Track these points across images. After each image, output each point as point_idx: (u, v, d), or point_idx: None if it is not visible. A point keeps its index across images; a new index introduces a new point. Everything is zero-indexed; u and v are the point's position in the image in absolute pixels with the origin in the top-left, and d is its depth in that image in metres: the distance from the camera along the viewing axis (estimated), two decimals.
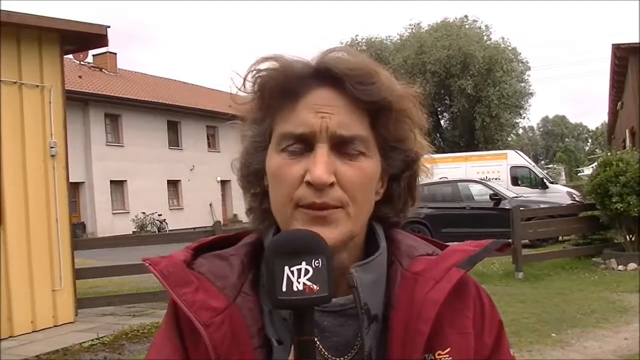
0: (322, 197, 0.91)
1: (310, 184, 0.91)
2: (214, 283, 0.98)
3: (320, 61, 0.95)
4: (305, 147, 0.94)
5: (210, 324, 0.93)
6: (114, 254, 15.23)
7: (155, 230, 32.08)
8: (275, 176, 0.96)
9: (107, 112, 32.89)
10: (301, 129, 0.93)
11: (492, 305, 1.07)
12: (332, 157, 0.93)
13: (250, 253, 1.03)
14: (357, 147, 0.94)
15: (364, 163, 0.95)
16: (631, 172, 11.60)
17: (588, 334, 7.35)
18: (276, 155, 0.96)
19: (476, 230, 16.46)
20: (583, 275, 11.51)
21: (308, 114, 0.93)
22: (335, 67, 0.93)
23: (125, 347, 7.84)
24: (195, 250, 1.05)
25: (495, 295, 9.77)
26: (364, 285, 0.96)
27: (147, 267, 1.01)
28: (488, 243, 1.04)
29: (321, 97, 0.94)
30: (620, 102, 26.26)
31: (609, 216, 12.00)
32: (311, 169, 0.91)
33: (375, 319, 0.98)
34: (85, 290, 11.04)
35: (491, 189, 17.97)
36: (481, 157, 26.78)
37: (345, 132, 0.93)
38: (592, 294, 9.70)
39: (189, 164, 37.22)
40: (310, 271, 0.81)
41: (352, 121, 0.94)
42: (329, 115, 0.93)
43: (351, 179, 0.93)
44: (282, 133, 0.95)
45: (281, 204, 0.95)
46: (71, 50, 11.01)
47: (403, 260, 1.02)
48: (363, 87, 0.93)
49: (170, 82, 42.67)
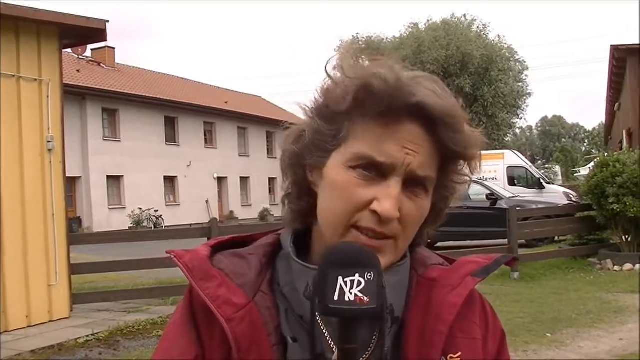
0: (382, 227, 0.93)
1: (375, 213, 0.92)
2: (233, 280, 0.99)
3: (421, 95, 0.92)
4: (378, 174, 0.94)
5: (233, 319, 0.94)
6: (109, 249, 15.25)
7: (151, 226, 32.04)
8: (339, 192, 0.95)
9: (105, 107, 32.83)
10: (383, 159, 0.93)
11: (494, 316, 1.10)
12: (401, 192, 0.93)
13: (268, 253, 1.05)
14: (424, 186, 0.96)
15: (424, 201, 0.97)
16: (628, 173, 11.63)
17: (583, 334, 7.37)
18: (345, 171, 0.95)
19: (473, 230, 16.49)
20: (579, 275, 11.54)
21: (394, 146, 0.93)
22: (434, 110, 0.92)
23: (121, 343, 7.83)
24: (213, 248, 1.06)
25: (491, 295, 9.84)
26: (390, 287, 0.96)
27: (172, 260, 1.02)
28: (498, 257, 1.07)
29: (411, 133, 0.93)
30: (618, 103, 26.33)
31: (605, 217, 12.03)
32: (382, 201, 0.91)
33: (396, 320, 1.00)
34: (81, 286, 11.03)
35: (488, 189, 17.97)
36: None
37: (421, 173, 0.94)
38: (587, 294, 9.72)
39: (186, 160, 37.20)
40: (363, 283, 0.84)
41: (430, 162, 0.95)
42: (414, 153, 0.93)
43: (411, 216, 0.95)
44: (361, 153, 0.94)
45: (336, 219, 0.95)
46: (70, 45, 10.97)
47: (418, 268, 1.05)
48: (453, 135, 0.94)
49: (168, 78, 42.60)
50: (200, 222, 28.47)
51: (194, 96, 39.23)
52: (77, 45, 13.03)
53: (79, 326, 8.66)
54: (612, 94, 27.15)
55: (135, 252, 12.31)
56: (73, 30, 9.70)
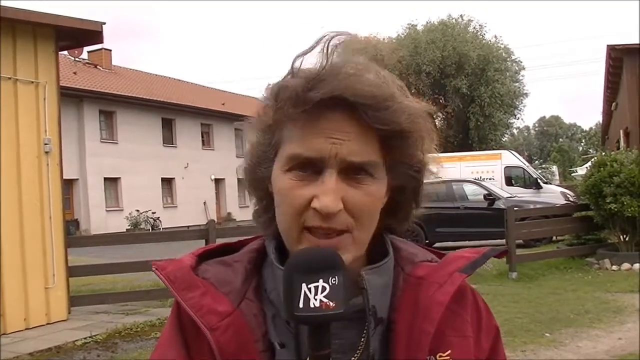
0: (329, 223, 0.91)
1: (317, 210, 0.91)
2: (218, 288, 0.99)
3: (335, 86, 0.92)
4: (313, 171, 0.93)
5: (217, 328, 0.94)
6: (107, 251, 15.23)
7: (149, 228, 32.04)
8: (282, 197, 0.95)
9: (102, 109, 32.82)
10: (311, 154, 0.92)
11: (488, 311, 1.09)
12: (340, 183, 0.92)
13: (254, 260, 1.04)
14: (366, 172, 0.94)
15: (371, 187, 0.94)
16: (625, 173, 11.64)
17: (582, 334, 7.37)
18: (283, 175, 0.95)
19: (470, 230, 16.53)
20: (577, 275, 11.55)
21: (319, 138, 0.92)
22: (349, 95, 0.91)
23: (119, 345, 7.83)
24: (199, 257, 1.06)
25: (489, 295, 9.82)
26: (373, 288, 0.97)
27: (155, 272, 1.03)
28: (487, 250, 1.06)
29: (334, 123, 0.92)
30: (615, 102, 26.36)
31: (602, 216, 12.02)
32: (320, 197, 0.90)
33: (380, 321, 0.99)
34: (79, 288, 11.02)
35: (485, 189, 17.99)
36: (475, 157, 26.84)
37: (355, 159, 0.92)
38: (585, 294, 9.72)
39: (183, 161, 37.19)
40: (327, 288, 0.84)
41: (363, 147, 0.93)
42: (340, 141, 0.92)
43: (359, 204, 0.93)
44: (291, 154, 0.94)
45: (288, 225, 0.95)
46: (66, 47, 10.97)
47: (405, 266, 1.04)
48: (377, 114, 0.92)
49: (165, 80, 42.59)
50: (198, 224, 28.41)
51: (191, 98, 39.24)
52: (73, 47, 13.04)
53: (76, 328, 8.64)
54: (609, 93, 27.19)
55: (132, 254, 12.33)
56: (69, 32, 9.70)
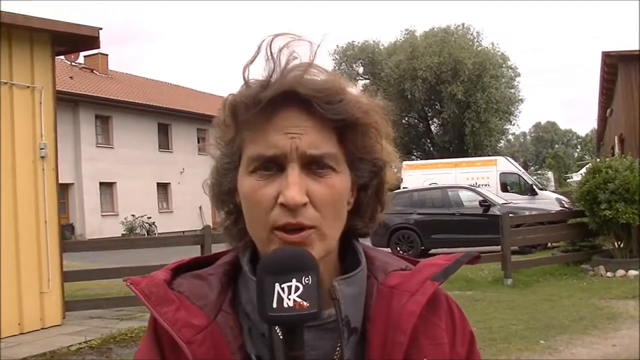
0: (297, 218, 0.92)
1: (284, 205, 0.92)
2: (193, 302, 0.99)
3: (286, 83, 0.95)
4: (276, 168, 0.95)
5: (193, 342, 0.94)
6: (102, 256, 15.20)
7: (144, 233, 31.97)
8: (248, 199, 0.96)
9: (98, 114, 32.79)
10: (272, 151, 0.94)
11: (462, 317, 1.09)
12: (304, 177, 0.93)
13: (229, 272, 1.05)
14: (327, 164, 0.95)
15: (334, 179, 0.96)
16: (620, 179, 11.66)
17: (576, 341, 7.37)
18: (247, 178, 0.96)
19: (465, 237, 16.55)
20: (572, 281, 11.55)
21: (277, 135, 0.94)
22: (301, 89, 0.94)
23: (113, 350, 7.80)
24: (173, 270, 1.06)
25: (484, 301, 9.82)
26: (345, 298, 0.97)
27: (129, 287, 1.03)
28: (459, 256, 1.06)
29: (290, 118, 0.95)
30: (610, 109, 26.44)
31: (597, 223, 12.04)
32: (284, 191, 0.92)
33: (354, 331, 0.99)
34: (74, 293, 10.98)
35: (481, 195, 18.01)
36: (471, 164, 26.88)
37: (315, 151, 0.94)
38: (580, 300, 9.73)
39: (179, 166, 37.12)
40: (301, 288, 0.84)
41: (321, 140, 0.95)
42: (299, 135, 0.94)
43: (323, 197, 0.94)
44: (253, 155, 0.96)
45: (257, 227, 0.96)
46: (62, 52, 10.95)
47: (378, 275, 1.04)
48: (330, 106, 0.94)
49: (161, 85, 42.58)
50: (194, 229, 28.44)
51: (187, 103, 39.22)
52: (70, 52, 13.00)
53: (71, 333, 8.62)
54: (604, 100, 27.27)
55: (128, 259, 12.29)
56: (66, 37, 9.69)
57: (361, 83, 38.88)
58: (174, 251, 11.53)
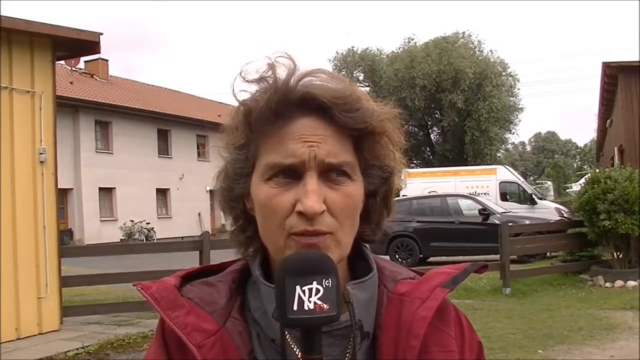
0: (314, 225, 0.92)
1: (301, 213, 0.92)
2: (203, 308, 0.99)
3: (304, 89, 0.95)
4: (293, 176, 0.94)
5: (203, 346, 0.94)
6: (100, 261, 15.16)
7: (143, 239, 31.94)
8: (264, 206, 0.96)
9: (98, 119, 32.78)
10: (290, 160, 0.93)
11: (470, 326, 1.10)
12: (321, 185, 0.94)
13: (238, 280, 1.05)
14: (344, 172, 0.96)
15: (350, 188, 0.96)
16: (619, 190, 11.66)
17: (575, 351, 7.36)
18: (263, 185, 0.96)
19: (464, 245, 16.54)
20: (570, 291, 11.54)
21: (296, 144, 0.94)
22: (321, 96, 0.94)
23: (111, 356, 7.79)
24: (183, 278, 1.06)
25: (482, 310, 9.79)
26: (358, 303, 0.97)
27: (139, 291, 1.02)
28: (467, 266, 1.07)
29: (308, 127, 0.95)
30: (610, 119, 26.46)
31: (596, 233, 12.04)
32: (302, 199, 0.92)
33: (367, 336, 0.99)
34: (71, 298, 10.97)
35: (480, 204, 18.02)
36: (470, 172, 26.90)
37: (333, 160, 0.94)
38: (579, 310, 9.72)
39: (179, 172, 37.12)
40: (321, 290, 0.84)
41: (339, 148, 0.95)
42: (317, 144, 0.94)
43: (340, 205, 0.94)
44: (269, 163, 0.95)
45: (273, 234, 0.96)
46: (63, 57, 10.98)
47: (388, 284, 1.05)
48: (349, 114, 0.94)
49: (161, 91, 42.60)
50: (192, 235, 28.37)
51: (186, 109, 39.25)
52: (70, 57, 13.05)
53: (68, 339, 8.60)
54: (604, 110, 27.31)
55: (126, 265, 12.29)
56: (66, 42, 9.71)
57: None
58: (172, 257, 11.53)
